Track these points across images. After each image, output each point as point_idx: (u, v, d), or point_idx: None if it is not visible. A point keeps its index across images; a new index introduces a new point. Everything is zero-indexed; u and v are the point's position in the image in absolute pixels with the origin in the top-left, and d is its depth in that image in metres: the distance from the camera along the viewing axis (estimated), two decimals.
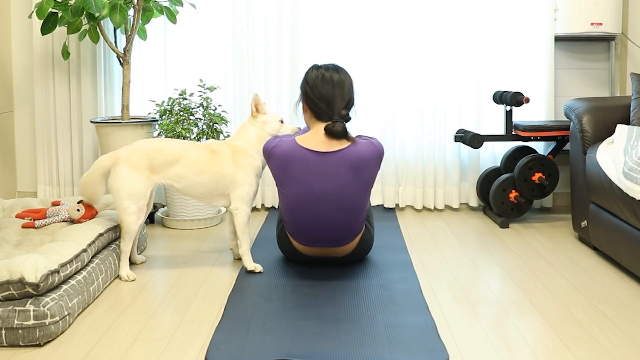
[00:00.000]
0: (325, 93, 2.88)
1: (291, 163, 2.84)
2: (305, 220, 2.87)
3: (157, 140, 2.99)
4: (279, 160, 2.86)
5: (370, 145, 2.88)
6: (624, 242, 2.88)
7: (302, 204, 2.84)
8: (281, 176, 2.88)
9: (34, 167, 4.31)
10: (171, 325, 2.39)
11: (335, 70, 2.93)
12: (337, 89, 2.89)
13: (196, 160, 2.93)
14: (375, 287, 2.73)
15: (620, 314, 2.49)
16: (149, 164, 2.89)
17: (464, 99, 4.17)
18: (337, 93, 2.88)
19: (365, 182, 2.87)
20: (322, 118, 2.89)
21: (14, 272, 2.21)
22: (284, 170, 2.85)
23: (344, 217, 2.85)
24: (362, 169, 2.84)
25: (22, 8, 4.18)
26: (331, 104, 2.88)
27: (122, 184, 2.84)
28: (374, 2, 4.11)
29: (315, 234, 2.89)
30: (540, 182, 3.77)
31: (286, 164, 2.84)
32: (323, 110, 2.88)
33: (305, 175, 2.82)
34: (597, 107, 3.44)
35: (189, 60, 4.17)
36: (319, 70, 2.93)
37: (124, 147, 2.94)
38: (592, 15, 3.94)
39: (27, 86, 4.25)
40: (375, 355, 2.11)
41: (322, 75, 2.89)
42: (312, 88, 2.90)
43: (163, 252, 3.33)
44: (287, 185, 2.87)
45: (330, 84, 2.88)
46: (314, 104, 2.90)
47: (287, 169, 2.85)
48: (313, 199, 2.82)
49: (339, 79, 2.90)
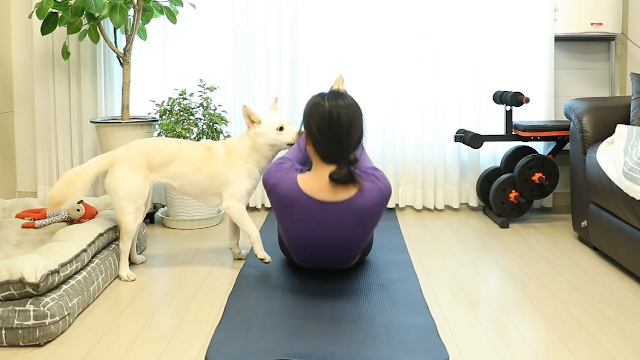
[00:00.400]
0: (333, 136, 2.57)
1: (292, 207, 2.65)
2: (305, 252, 2.80)
3: (155, 139, 3.00)
4: (278, 200, 2.68)
5: (377, 193, 2.62)
6: (624, 242, 2.88)
7: (302, 243, 2.74)
8: (280, 215, 2.73)
9: (34, 167, 4.31)
10: (171, 325, 2.39)
11: (344, 105, 2.59)
12: (347, 130, 2.58)
13: (193, 158, 2.94)
14: (375, 287, 2.73)
15: (620, 314, 2.49)
16: (147, 163, 2.90)
17: (464, 99, 4.17)
18: (346, 135, 2.58)
19: (368, 228, 2.71)
20: (327, 160, 2.62)
21: (14, 272, 2.21)
22: (284, 211, 2.69)
23: (345, 254, 2.80)
24: (367, 218, 2.66)
25: (22, 8, 4.18)
26: (339, 148, 2.59)
27: (120, 184, 2.84)
28: (374, 2, 4.11)
29: (314, 260, 2.84)
30: (540, 182, 3.77)
31: (286, 206, 2.66)
32: (329, 153, 2.61)
33: (307, 221, 2.65)
34: (597, 107, 3.44)
35: (189, 60, 4.17)
36: (326, 105, 2.58)
37: (121, 147, 2.95)
38: (592, 15, 3.94)
39: (27, 86, 4.25)
40: (376, 355, 2.11)
41: (330, 115, 2.56)
42: (319, 129, 2.59)
43: (163, 252, 3.33)
44: (286, 224, 2.74)
45: (338, 126, 2.56)
46: (319, 145, 2.61)
47: (287, 211, 2.67)
48: (313, 242, 2.71)
49: (348, 119, 2.57)
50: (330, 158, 2.61)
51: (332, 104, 2.59)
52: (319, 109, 2.59)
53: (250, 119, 2.94)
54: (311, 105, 2.64)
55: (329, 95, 2.64)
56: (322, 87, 4.09)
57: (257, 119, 2.93)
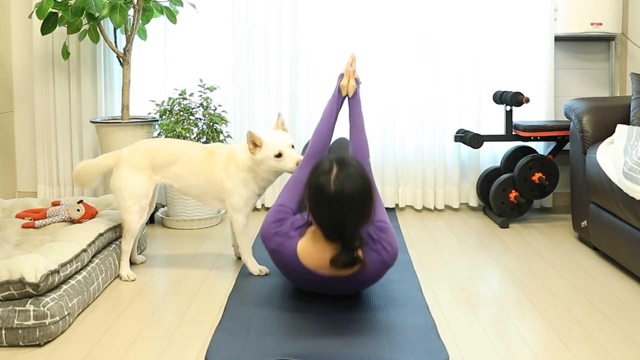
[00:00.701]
0: (339, 226, 2.33)
1: (293, 273, 2.54)
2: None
3: (159, 140, 2.99)
4: (278, 263, 2.57)
5: (381, 265, 2.46)
6: (624, 242, 2.88)
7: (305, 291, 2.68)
8: (283, 273, 2.64)
9: (34, 167, 4.31)
10: (171, 325, 2.39)
11: (351, 190, 2.29)
12: (353, 220, 2.32)
13: (194, 160, 2.91)
14: (375, 287, 2.73)
15: (620, 314, 2.49)
16: (150, 163, 2.90)
17: (464, 99, 4.17)
18: (351, 225, 2.33)
19: (370, 286, 2.65)
20: (330, 239, 2.41)
21: (14, 272, 2.21)
22: (285, 272, 2.60)
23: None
24: (369, 282, 2.55)
25: (22, 8, 4.18)
26: (343, 235, 2.35)
27: (124, 184, 2.85)
28: (375, 2, 4.11)
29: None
30: (540, 182, 3.77)
31: (287, 272, 2.58)
32: (332, 237, 2.38)
33: (308, 286, 2.58)
34: (597, 107, 3.44)
35: (189, 60, 4.16)
36: (331, 190, 2.29)
37: (126, 148, 2.95)
38: (592, 15, 3.94)
39: (27, 86, 4.25)
40: (376, 355, 2.11)
41: (336, 207, 2.29)
42: (323, 220, 2.35)
43: (163, 252, 3.33)
44: (289, 279, 2.66)
45: (344, 218, 2.31)
46: (323, 225, 2.38)
47: (288, 274, 2.59)
48: (317, 293, 2.64)
49: (356, 207, 2.31)
50: (333, 239, 2.39)
51: (337, 189, 2.29)
52: (323, 196, 2.31)
53: (254, 144, 2.77)
54: (315, 187, 2.35)
55: (333, 174, 2.31)
56: (322, 87, 4.10)
57: (260, 142, 2.76)
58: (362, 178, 2.34)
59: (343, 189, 2.29)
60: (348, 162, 2.36)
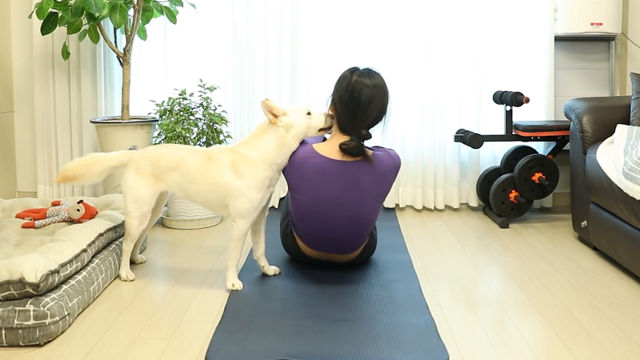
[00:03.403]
0: (350, 109, 2.73)
1: (306, 169, 2.75)
2: (315, 228, 2.83)
3: (162, 146, 2.93)
4: (292, 164, 2.76)
5: (388, 158, 2.82)
6: (624, 242, 2.87)
7: (315, 212, 2.79)
8: (295, 181, 2.78)
9: (34, 167, 4.31)
10: (171, 325, 2.39)
11: (368, 84, 2.74)
12: (364, 106, 2.73)
13: (189, 167, 2.77)
14: (375, 287, 2.73)
15: (620, 314, 2.49)
16: (152, 170, 2.81)
17: (464, 99, 4.17)
18: (362, 111, 2.73)
19: (380, 193, 2.81)
20: (342, 131, 2.78)
21: (14, 272, 2.21)
22: (299, 176, 2.76)
23: (354, 228, 2.82)
24: (379, 180, 2.78)
25: (22, 8, 4.18)
26: (354, 121, 2.75)
27: (128, 188, 2.82)
28: (375, 1, 4.11)
29: (323, 240, 2.87)
30: (540, 182, 3.77)
31: (300, 170, 2.75)
32: (345, 125, 2.76)
33: (321, 183, 2.75)
34: (597, 107, 3.44)
35: (189, 60, 4.17)
36: (351, 80, 2.75)
37: (139, 150, 2.90)
38: (592, 15, 3.94)
39: (27, 86, 4.25)
40: (376, 355, 2.11)
41: (352, 90, 2.73)
42: (341, 100, 2.75)
43: (163, 252, 3.33)
44: (300, 191, 2.78)
45: (357, 101, 2.72)
46: (338, 115, 2.77)
47: (302, 174, 2.76)
48: (327, 208, 2.76)
49: (368, 97, 2.72)
50: (345, 129, 2.76)
51: (357, 80, 2.75)
52: (345, 82, 2.76)
53: (272, 113, 2.72)
54: (341, 76, 2.80)
55: (359, 71, 2.78)
56: (322, 87, 4.10)
57: (280, 111, 2.73)
58: (380, 80, 2.79)
59: (361, 81, 2.74)
60: (371, 71, 2.81)
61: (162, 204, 3.00)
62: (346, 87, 2.75)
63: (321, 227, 2.82)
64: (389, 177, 2.81)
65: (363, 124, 2.74)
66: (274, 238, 3.22)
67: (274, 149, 2.73)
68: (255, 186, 2.70)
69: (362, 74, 2.77)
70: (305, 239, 2.91)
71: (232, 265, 2.77)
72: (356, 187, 2.75)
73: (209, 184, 2.73)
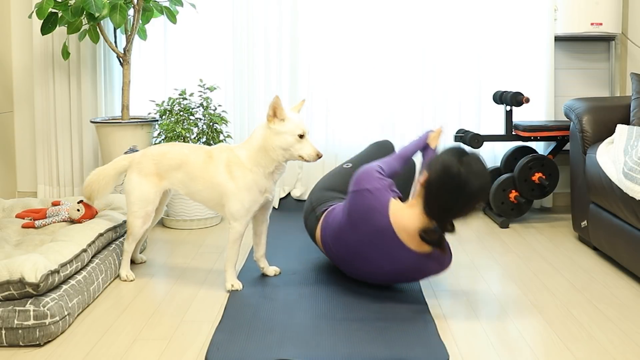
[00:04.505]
0: (450, 201, 2.42)
1: (367, 221, 2.55)
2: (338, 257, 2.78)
3: (166, 144, 2.93)
4: (358, 207, 2.57)
5: (440, 266, 2.60)
6: (624, 242, 2.88)
7: (347, 253, 2.69)
8: (345, 222, 2.64)
9: (34, 167, 4.31)
10: (171, 325, 2.39)
11: (480, 175, 2.40)
12: (463, 206, 2.43)
13: (192, 165, 2.78)
14: (375, 288, 2.73)
15: (620, 314, 2.49)
16: (156, 169, 2.82)
17: (464, 99, 4.17)
18: (459, 210, 2.44)
19: (409, 279, 2.71)
20: (428, 213, 2.48)
21: (14, 272, 2.21)
22: (355, 221, 2.59)
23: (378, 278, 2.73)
24: (419, 275, 2.66)
25: (22, 8, 4.18)
26: (448, 213, 2.46)
27: (131, 188, 2.83)
28: (375, 2, 4.11)
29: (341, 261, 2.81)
30: (540, 182, 3.77)
31: (362, 219, 2.57)
32: (434, 211, 2.46)
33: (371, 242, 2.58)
34: (597, 107, 3.44)
35: (189, 60, 4.16)
36: (460, 173, 2.38)
37: (141, 150, 2.92)
38: (592, 15, 3.94)
39: (27, 86, 4.25)
40: (376, 355, 2.11)
41: (460, 179, 2.37)
42: (441, 186, 2.41)
43: (163, 252, 3.33)
44: (351, 229, 2.62)
45: (463, 193, 2.39)
46: (431, 197, 2.45)
47: (359, 223, 2.58)
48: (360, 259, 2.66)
49: (476, 189, 2.39)
50: (432, 214, 2.47)
51: (468, 171, 2.39)
52: (451, 170, 2.39)
53: (274, 111, 2.59)
54: (444, 160, 2.44)
55: (468, 158, 2.43)
56: (322, 86, 4.10)
57: (282, 115, 2.59)
58: (487, 176, 2.45)
59: (469, 175, 2.38)
60: (480, 157, 2.48)
61: (165, 203, 3.00)
62: (450, 179, 2.39)
63: (344, 259, 2.76)
64: (427, 275, 2.65)
65: (456, 217, 2.47)
66: (274, 238, 3.22)
67: (258, 148, 2.65)
68: (245, 187, 2.67)
69: (472, 162, 2.42)
70: (326, 248, 2.85)
71: (231, 266, 2.77)
72: (398, 266, 2.59)
73: (208, 183, 2.74)
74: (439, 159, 2.46)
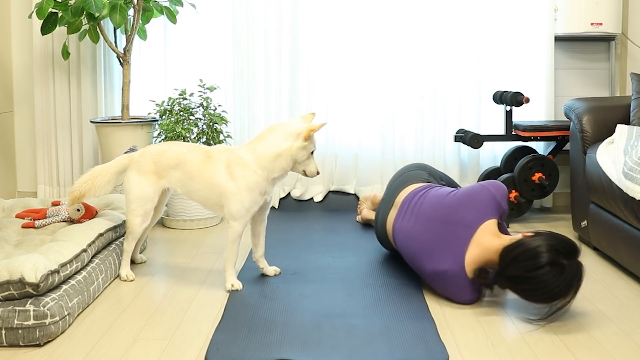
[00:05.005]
0: (516, 280, 2.40)
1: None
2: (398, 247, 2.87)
3: (165, 143, 2.93)
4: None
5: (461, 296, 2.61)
6: (624, 242, 2.87)
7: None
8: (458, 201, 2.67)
9: (34, 167, 4.31)
10: (171, 325, 2.39)
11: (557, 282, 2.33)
12: (529, 293, 2.41)
13: (190, 164, 2.78)
14: (375, 288, 2.73)
15: (620, 314, 2.49)
16: (155, 167, 2.83)
17: (464, 99, 4.17)
18: (522, 293, 2.43)
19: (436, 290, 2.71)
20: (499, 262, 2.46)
21: (14, 272, 2.21)
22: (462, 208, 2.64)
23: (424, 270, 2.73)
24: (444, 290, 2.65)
25: (22, 8, 4.18)
26: (506, 285, 2.46)
27: (130, 187, 2.83)
28: (375, 2, 4.11)
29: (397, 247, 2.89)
30: (540, 182, 3.76)
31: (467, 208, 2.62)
32: (502, 270, 2.44)
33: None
34: (597, 107, 3.44)
35: (189, 60, 4.16)
36: (562, 274, 2.32)
37: (141, 149, 2.93)
38: (592, 15, 3.94)
39: (27, 86, 4.25)
40: (375, 355, 2.11)
41: (536, 275, 2.34)
42: (514, 266, 2.40)
43: (163, 252, 3.33)
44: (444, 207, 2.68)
45: (529, 287, 2.38)
46: (504, 283, 2.46)
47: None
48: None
49: (541, 295, 2.37)
50: (500, 269, 2.46)
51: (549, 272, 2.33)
52: (552, 274, 2.33)
53: (307, 136, 2.65)
54: (541, 246, 2.37)
55: (562, 260, 2.34)
56: (322, 86, 4.10)
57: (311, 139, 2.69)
58: (565, 289, 2.34)
59: (548, 278, 2.33)
60: (578, 270, 2.36)
61: (164, 202, 3.00)
62: (534, 267, 2.34)
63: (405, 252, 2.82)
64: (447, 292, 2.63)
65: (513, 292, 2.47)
66: (275, 237, 3.22)
67: (271, 154, 2.66)
68: (246, 188, 2.68)
69: (565, 269, 2.33)
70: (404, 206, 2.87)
71: (230, 266, 2.77)
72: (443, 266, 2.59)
73: (206, 183, 2.75)
74: (543, 240, 2.39)
